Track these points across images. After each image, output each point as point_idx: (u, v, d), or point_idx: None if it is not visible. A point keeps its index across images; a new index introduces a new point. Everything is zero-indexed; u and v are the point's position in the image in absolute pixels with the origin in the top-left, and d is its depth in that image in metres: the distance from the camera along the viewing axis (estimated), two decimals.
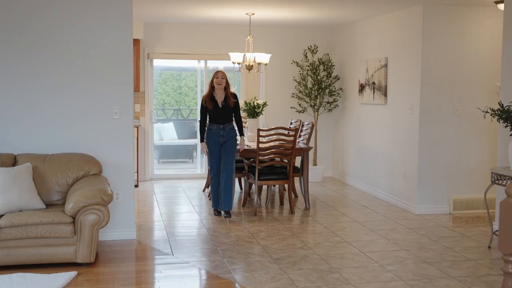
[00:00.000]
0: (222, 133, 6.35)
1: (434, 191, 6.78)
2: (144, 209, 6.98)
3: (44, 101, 5.29)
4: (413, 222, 6.34)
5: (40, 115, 5.29)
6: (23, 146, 5.26)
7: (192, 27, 8.95)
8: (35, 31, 5.22)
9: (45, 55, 5.25)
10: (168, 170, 11.07)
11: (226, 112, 6.35)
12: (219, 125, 6.33)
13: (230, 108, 6.34)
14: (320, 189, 8.47)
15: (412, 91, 6.85)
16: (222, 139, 6.36)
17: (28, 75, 5.25)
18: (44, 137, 5.30)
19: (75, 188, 4.87)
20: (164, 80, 12.67)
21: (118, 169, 5.46)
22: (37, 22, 5.22)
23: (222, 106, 6.33)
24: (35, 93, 5.27)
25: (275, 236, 5.70)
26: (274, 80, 9.26)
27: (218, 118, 6.33)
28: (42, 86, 5.27)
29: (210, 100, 6.31)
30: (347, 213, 6.80)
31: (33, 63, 5.24)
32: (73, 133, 5.36)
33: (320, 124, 9.27)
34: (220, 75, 6.27)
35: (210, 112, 6.33)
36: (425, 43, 6.61)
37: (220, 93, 6.33)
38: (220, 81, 6.26)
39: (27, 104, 5.26)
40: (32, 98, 5.27)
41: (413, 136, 6.83)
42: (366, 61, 8.07)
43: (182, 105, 12.37)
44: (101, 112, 5.40)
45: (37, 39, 5.23)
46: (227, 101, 6.32)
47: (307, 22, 8.62)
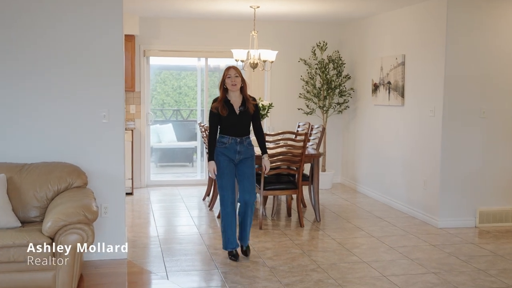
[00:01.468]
0: (239, 149, 4.84)
1: (458, 202, 6.14)
2: (139, 221, 6.35)
3: (22, 104, 4.64)
4: (437, 238, 5.70)
5: (17, 120, 4.65)
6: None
7: (192, 22, 8.31)
8: (10, 30, 4.57)
9: (23, 52, 4.61)
10: (166, 175, 10.49)
11: (244, 120, 4.86)
12: (235, 137, 4.82)
13: (249, 115, 4.87)
14: (330, 197, 7.83)
15: (434, 91, 6.21)
16: (238, 157, 4.86)
17: (3, 75, 4.60)
18: (22, 144, 4.66)
19: (55, 204, 4.23)
20: (163, 79, 12.30)
21: (107, 179, 4.83)
22: (12, 19, 4.57)
23: (240, 112, 4.83)
24: (11, 95, 4.62)
25: (283, 255, 5.07)
26: (280, 79, 8.64)
27: (234, 129, 4.82)
28: (19, 87, 4.62)
29: (224, 106, 4.80)
30: (361, 226, 6.16)
31: (9, 62, 4.60)
32: (55, 140, 4.72)
33: (330, 127, 8.64)
34: (233, 73, 4.78)
35: (224, 121, 4.81)
36: (449, 38, 5.97)
37: (236, 95, 4.85)
38: (234, 81, 4.76)
39: (2, 107, 4.62)
40: (8, 101, 4.62)
41: (434, 141, 6.19)
42: (381, 58, 7.44)
43: (182, 106, 11.90)
44: (87, 116, 4.77)
45: (13, 37, 4.57)
46: (245, 105, 4.85)
47: (316, 16, 7.99)
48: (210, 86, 10.01)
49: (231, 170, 4.88)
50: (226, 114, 4.78)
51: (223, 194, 4.84)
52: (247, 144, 4.89)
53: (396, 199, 7.08)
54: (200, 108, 8.99)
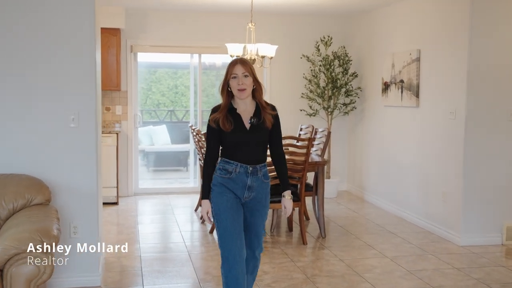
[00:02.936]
0: (250, 182, 3.25)
1: (482, 216, 5.40)
2: (120, 238, 5.62)
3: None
4: (460, 259, 4.97)
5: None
6: None
7: (184, 14, 7.59)
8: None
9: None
10: (158, 181, 9.81)
11: (258, 138, 3.28)
12: (245, 165, 3.24)
13: (266, 130, 3.29)
14: (335, 207, 7.10)
15: (454, 90, 5.48)
16: (248, 194, 3.27)
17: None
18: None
19: (8, 226, 3.51)
20: (158, 78, 11.75)
21: (77, 194, 4.10)
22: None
23: (252, 126, 3.25)
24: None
25: (284, 282, 4.33)
26: (280, 77, 7.91)
27: (243, 151, 3.25)
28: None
29: (228, 117, 3.23)
30: (372, 244, 5.43)
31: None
32: (13, 148, 3.99)
33: (335, 129, 7.92)
34: (240, 71, 3.19)
35: (229, 139, 3.25)
36: (473, 31, 5.23)
37: (246, 103, 3.28)
38: (242, 82, 3.19)
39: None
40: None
41: (455, 147, 5.45)
42: (392, 54, 6.71)
43: (179, 106, 11.31)
44: (53, 119, 4.04)
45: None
46: (260, 116, 3.27)
47: (319, 8, 7.28)
48: (208, 86, 9.34)
49: (237, 211, 3.25)
50: (231, 130, 3.21)
51: (226, 248, 3.20)
52: (262, 176, 3.29)
53: (409, 211, 6.34)
54: (193, 109, 8.27)
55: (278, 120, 3.37)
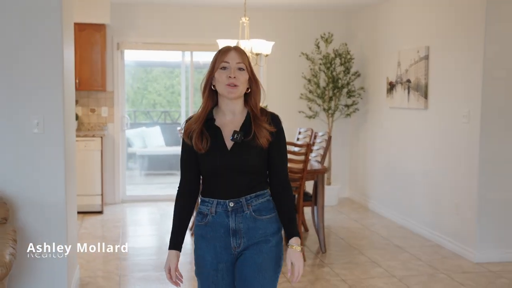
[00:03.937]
0: (232, 224, 2.24)
1: (499, 230, 4.90)
2: (99, 254, 5.08)
3: None
4: (476, 278, 4.46)
5: None
6: None
7: (174, 9, 7.12)
8: None
9: None
10: (150, 186, 9.34)
11: (243, 162, 2.23)
12: (222, 200, 2.24)
13: (257, 150, 2.24)
14: (336, 216, 6.59)
15: (468, 91, 4.98)
16: (237, 243, 2.25)
17: None
18: None
19: None
20: (155, 77, 11.40)
21: (41, 210, 3.60)
22: None
23: (235, 145, 2.24)
24: None
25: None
26: (277, 76, 7.43)
27: (220, 182, 2.25)
28: None
29: (202, 132, 2.25)
30: (378, 260, 4.93)
31: None
32: None
33: (336, 132, 7.44)
34: (233, 60, 2.22)
35: (202, 163, 2.27)
36: (489, 26, 4.73)
37: (232, 112, 2.30)
38: (234, 75, 2.21)
39: None
40: None
41: (469, 153, 4.95)
42: (398, 52, 6.23)
43: (175, 106, 10.94)
44: (12, 124, 3.54)
45: None
46: (250, 129, 2.25)
47: (319, 2, 6.84)
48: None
49: (227, 273, 2.28)
50: (205, 151, 2.23)
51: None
52: (254, 211, 2.25)
53: (418, 222, 5.84)
54: (185, 110, 7.80)
55: (281, 136, 2.30)
